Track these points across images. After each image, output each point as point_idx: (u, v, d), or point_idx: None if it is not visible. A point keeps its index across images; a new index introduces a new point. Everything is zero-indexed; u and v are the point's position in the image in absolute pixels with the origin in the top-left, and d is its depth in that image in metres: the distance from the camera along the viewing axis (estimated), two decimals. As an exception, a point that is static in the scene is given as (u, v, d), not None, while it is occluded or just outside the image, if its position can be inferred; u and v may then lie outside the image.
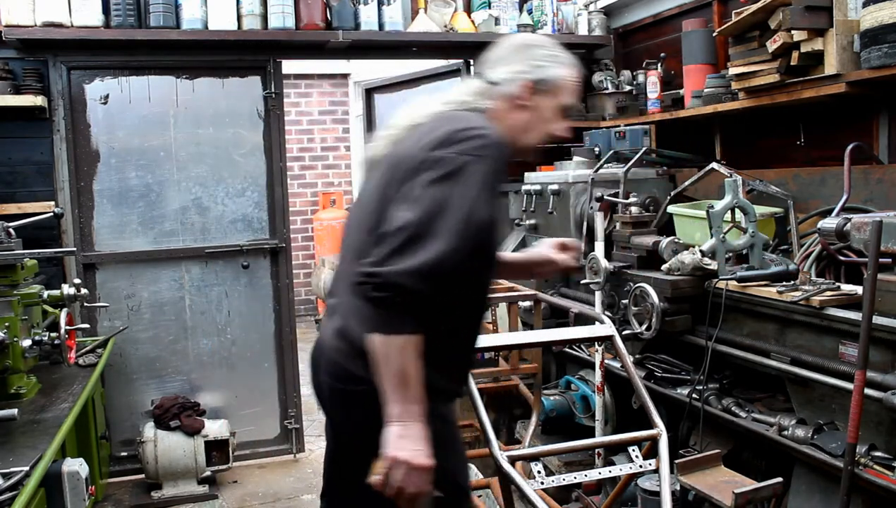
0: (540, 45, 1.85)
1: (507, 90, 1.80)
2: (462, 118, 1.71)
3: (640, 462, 2.06)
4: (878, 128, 3.03)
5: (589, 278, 3.22)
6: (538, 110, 1.82)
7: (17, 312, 2.71)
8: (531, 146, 1.88)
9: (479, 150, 1.60)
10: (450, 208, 1.54)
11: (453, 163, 1.58)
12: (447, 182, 1.56)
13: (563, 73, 1.83)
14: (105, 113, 4.06)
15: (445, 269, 1.51)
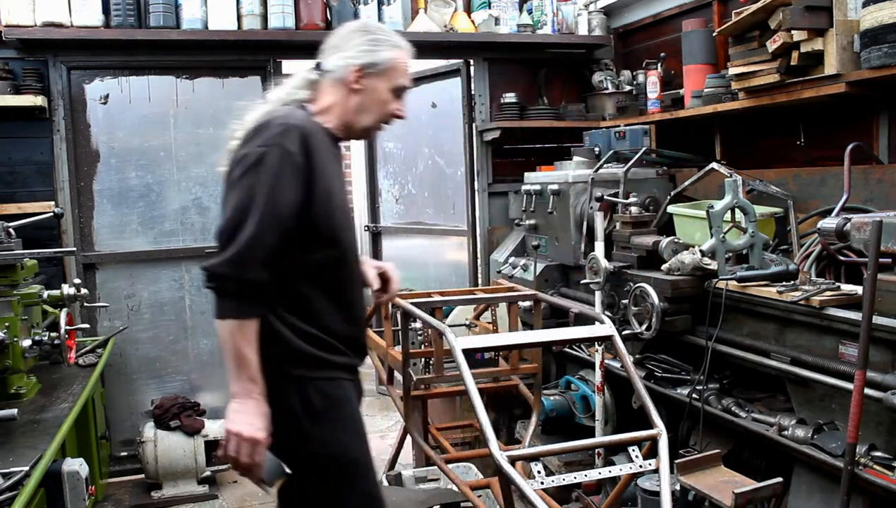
0: (368, 31, 1.95)
1: (339, 76, 1.90)
2: (268, 114, 1.84)
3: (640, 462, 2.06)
4: (878, 128, 3.03)
5: (589, 278, 3.22)
6: (370, 92, 1.91)
7: (17, 312, 2.71)
8: (371, 127, 1.98)
9: (275, 138, 1.74)
10: (254, 197, 1.69)
11: (253, 156, 1.73)
12: (249, 174, 1.72)
13: (392, 55, 1.92)
14: (105, 113, 4.06)
15: (256, 253, 1.67)
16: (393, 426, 4.96)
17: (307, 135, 1.80)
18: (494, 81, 4.63)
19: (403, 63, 1.96)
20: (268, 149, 1.74)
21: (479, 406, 2.01)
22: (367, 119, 1.95)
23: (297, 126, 1.79)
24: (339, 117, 1.95)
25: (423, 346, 3.34)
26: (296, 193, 1.76)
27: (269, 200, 1.70)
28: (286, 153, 1.74)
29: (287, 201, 1.74)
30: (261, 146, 1.75)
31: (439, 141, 5.00)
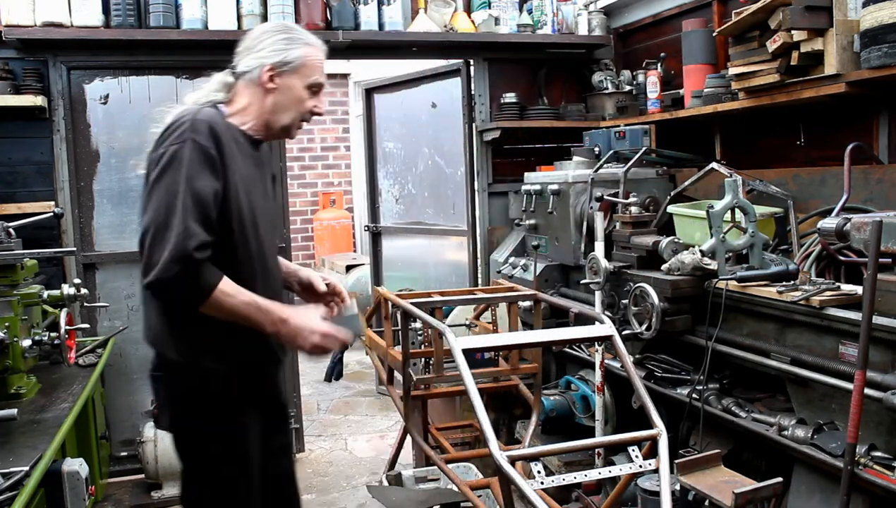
0: (279, 30, 2.01)
1: (253, 77, 1.97)
2: (177, 114, 1.91)
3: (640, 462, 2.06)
4: (878, 128, 3.03)
5: (589, 278, 3.22)
6: (285, 91, 1.97)
7: (17, 312, 2.71)
8: (290, 125, 2.03)
9: (185, 134, 1.81)
10: (176, 193, 1.77)
11: (164, 156, 1.82)
12: (167, 172, 1.80)
13: (304, 53, 1.97)
14: (105, 113, 4.06)
15: (188, 245, 1.73)
16: (393, 426, 4.97)
17: (216, 130, 1.87)
18: (494, 81, 4.63)
19: (316, 60, 2.00)
20: (180, 145, 1.81)
21: (479, 406, 2.01)
22: (285, 117, 2.01)
23: (205, 120, 1.86)
24: (256, 117, 2.01)
25: (423, 346, 3.34)
26: (213, 182, 1.83)
27: (189, 192, 1.77)
28: (198, 146, 1.82)
29: (206, 190, 1.81)
30: (173, 144, 1.82)
31: (439, 141, 5.00)
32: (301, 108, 2.01)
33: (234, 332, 1.90)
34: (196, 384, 1.96)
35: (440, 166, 5.04)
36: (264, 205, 2.06)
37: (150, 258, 1.76)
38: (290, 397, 4.45)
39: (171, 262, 1.73)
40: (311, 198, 9.07)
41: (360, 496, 3.88)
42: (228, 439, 1.98)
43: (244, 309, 1.84)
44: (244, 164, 1.96)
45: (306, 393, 5.61)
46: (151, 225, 1.77)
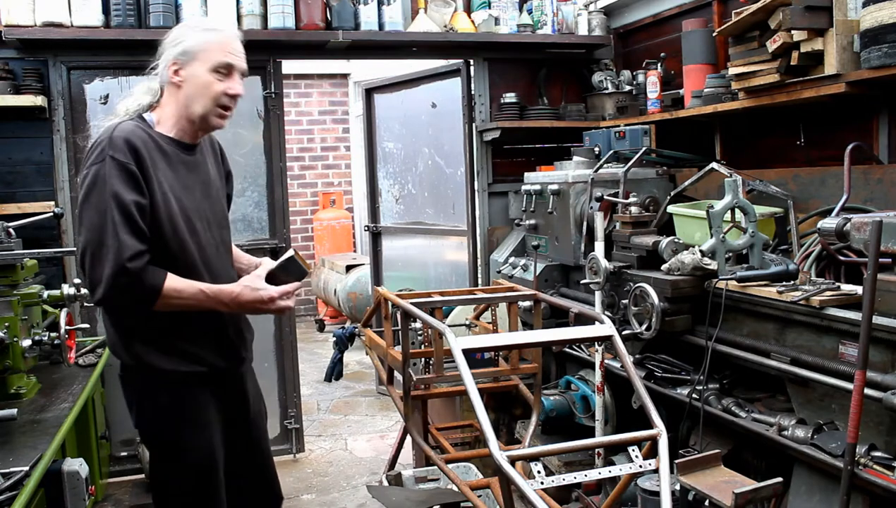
0: (181, 26, 2.11)
1: (164, 77, 2.06)
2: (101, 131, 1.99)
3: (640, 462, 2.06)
4: (878, 128, 3.03)
5: (589, 278, 3.22)
6: (190, 80, 2.02)
7: (17, 312, 2.71)
8: (207, 114, 2.04)
9: (103, 153, 1.89)
10: (104, 211, 1.85)
11: (90, 176, 1.89)
12: (92, 193, 1.88)
13: (201, 38, 2.02)
14: (105, 113, 4.05)
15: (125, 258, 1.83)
16: (393, 426, 4.97)
17: (133, 144, 1.93)
18: (494, 81, 4.63)
19: (216, 42, 2.02)
20: (101, 164, 1.89)
21: (479, 406, 2.01)
22: (199, 107, 2.03)
23: (122, 137, 1.92)
24: (176, 117, 2.07)
25: (423, 346, 3.33)
26: (136, 195, 1.91)
27: (117, 208, 1.85)
28: (117, 163, 1.88)
29: (132, 204, 1.88)
30: (94, 163, 1.90)
31: (439, 141, 5.00)
32: (211, 94, 2.02)
33: (181, 332, 2.03)
34: (149, 384, 2.05)
35: (440, 166, 5.04)
36: (202, 206, 2.12)
37: (92, 276, 1.86)
38: (291, 397, 4.46)
39: (112, 277, 1.83)
40: (311, 198, 9.07)
41: (360, 496, 3.88)
42: (187, 435, 2.07)
43: (194, 299, 1.95)
44: (171, 171, 2.03)
45: (306, 393, 5.61)
46: (88, 245, 1.87)
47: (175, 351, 2.04)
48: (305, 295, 8.90)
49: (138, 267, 1.86)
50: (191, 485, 2.08)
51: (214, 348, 2.11)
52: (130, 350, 2.03)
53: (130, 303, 1.92)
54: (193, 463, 2.08)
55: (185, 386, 2.06)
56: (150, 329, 2.01)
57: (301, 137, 8.96)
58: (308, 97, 8.92)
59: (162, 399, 2.04)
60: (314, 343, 7.73)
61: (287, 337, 4.42)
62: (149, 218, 1.93)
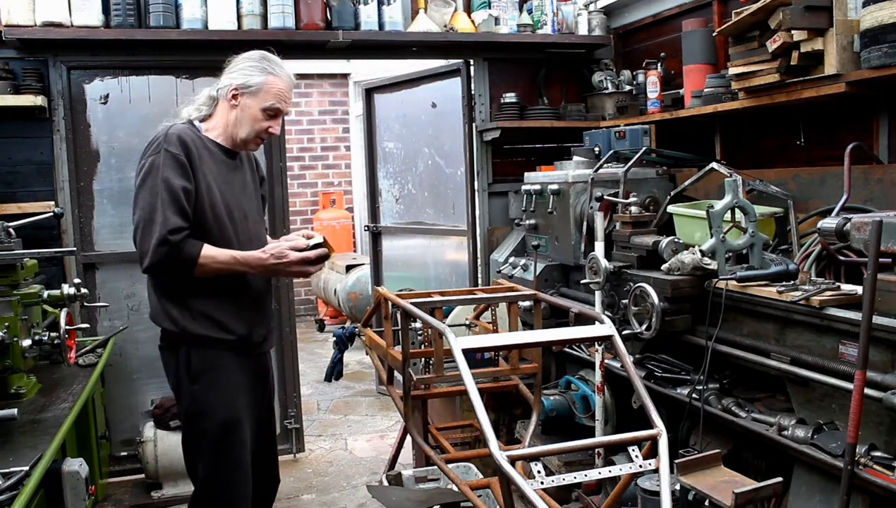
0: (253, 58, 2.40)
1: (223, 94, 2.39)
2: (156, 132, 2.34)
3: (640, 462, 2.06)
4: (878, 128, 3.03)
5: (589, 278, 3.22)
6: (244, 109, 2.37)
7: (17, 312, 2.71)
8: (247, 139, 2.42)
9: (159, 146, 2.26)
10: (157, 193, 2.20)
11: (146, 165, 2.26)
12: (147, 179, 2.25)
13: (265, 80, 2.36)
14: (105, 113, 4.06)
15: (168, 229, 2.17)
16: (393, 426, 4.97)
17: (185, 141, 2.29)
18: (494, 81, 4.63)
19: (276, 88, 2.37)
20: (156, 155, 2.25)
21: (479, 406, 2.01)
22: (243, 132, 2.40)
23: (175, 134, 2.29)
24: (223, 129, 2.42)
25: (423, 346, 3.33)
26: (185, 182, 2.25)
27: (166, 190, 2.20)
28: (170, 154, 2.24)
29: (179, 188, 2.22)
30: (151, 155, 2.26)
31: (439, 141, 5.00)
32: (256, 127, 2.39)
33: (213, 304, 2.35)
34: (184, 347, 2.35)
35: (440, 166, 5.04)
36: (240, 200, 2.46)
37: (141, 247, 2.21)
38: (291, 397, 4.46)
39: (157, 246, 2.17)
40: (311, 197, 9.07)
41: (360, 496, 3.88)
42: (215, 393, 2.35)
43: (226, 264, 2.29)
44: (215, 167, 2.37)
45: (306, 392, 5.61)
46: (140, 221, 2.21)
47: (207, 319, 2.34)
48: (305, 295, 8.90)
49: (178, 239, 2.19)
50: (216, 441, 2.35)
51: (240, 319, 2.42)
52: (170, 315, 2.34)
53: (172, 269, 2.23)
54: (221, 420, 2.35)
55: (214, 350, 2.36)
56: (187, 299, 2.33)
57: (301, 137, 8.96)
58: (308, 97, 8.92)
59: (195, 360, 2.34)
60: (314, 343, 7.73)
61: (287, 337, 4.42)
62: (193, 202, 2.27)
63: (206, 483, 2.42)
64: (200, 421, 2.36)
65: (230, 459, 2.38)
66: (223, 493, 2.41)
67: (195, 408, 2.36)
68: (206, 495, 2.45)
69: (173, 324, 2.34)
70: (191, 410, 2.38)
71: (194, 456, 2.42)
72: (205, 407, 2.35)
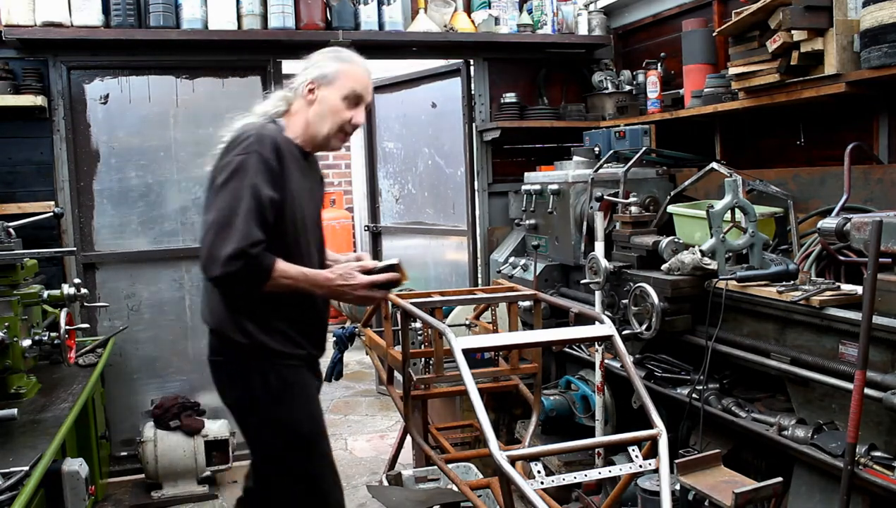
0: (325, 52, 2.28)
1: (299, 91, 2.23)
2: (244, 127, 2.16)
3: (640, 462, 2.06)
4: (878, 128, 3.03)
5: (589, 278, 3.22)
6: (323, 102, 2.21)
7: (17, 312, 2.71)
8: (330, 135, 2.24)
9: (252, 146, 2.06)
10: (241, 197, 2.00)
11: (235, 163, 2.05)
12: (234, 179, 2.03)
13: (340, 67, 2.21)
14: (105, 113, 4.06)
15: (247, 242, 1.97)
16: (393, 426, 4.97)
17: (278, 145, 2.12)
18: (494, 81, 4.63)
19: (353, 73, 2.22)
20: (247, 155, 2.05)
21: (479, 406, 2.01)
22: (324, 127, 2.22)
23: (270, 136, 2.11)
24: (303, 129, 2.25)
25: (423, 346, 3.34)
26: (273, 192, 2.07)
27: (252, 197, 2.01)
28: (262, 158, 2.05)
29: (266, 198, 2.04)
30: (240, 154, 2.05)
31: (439, 141, 5.00)
32: (338, 118, 2.21)
33: (285, 318, 2.19)
34: (259, 362, 2.18)
35: (440, 166, 5.04)
36: (310, 207, 2.30)
37: (211, 252, 1.98)
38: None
39: (232, 258, 1.96)
40: (311, 198, 9.06)
41: (360, 496, 3.88)
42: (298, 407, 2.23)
43: (296, 281, 2.10)
44: (298, 174, 2.20)
45: (306, 393, 5.60)
46: (216, 223, 2.00)
47: (282, 334, 2.20)
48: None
49: (257, 253, 2.00)
50: (307, 453, 2.23)
51: (309, 335, 2.30)
52: (244, 329, 2.16)
53: (243, 283, 2.03)
54: (308, 433, 2.24)
55: (292, 366, 2.23)
56: (265, 313, 2.16)
57: (301, 137, 8.94)
58: (308, 97, 8.91)
59: (274, 377, 2.18)
60: (314, 343, 7.71)
61: (287, 337, 4.41)
62: (276, 214, 2.09)
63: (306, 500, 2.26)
64: (288, 438, 2.22)
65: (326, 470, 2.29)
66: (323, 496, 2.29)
67: (282, 426, 2.21)
68: None
69: (247, 338, 2.16)
70: (274, 429, 2.22)
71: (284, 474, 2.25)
72: (293, 423, 2.22)
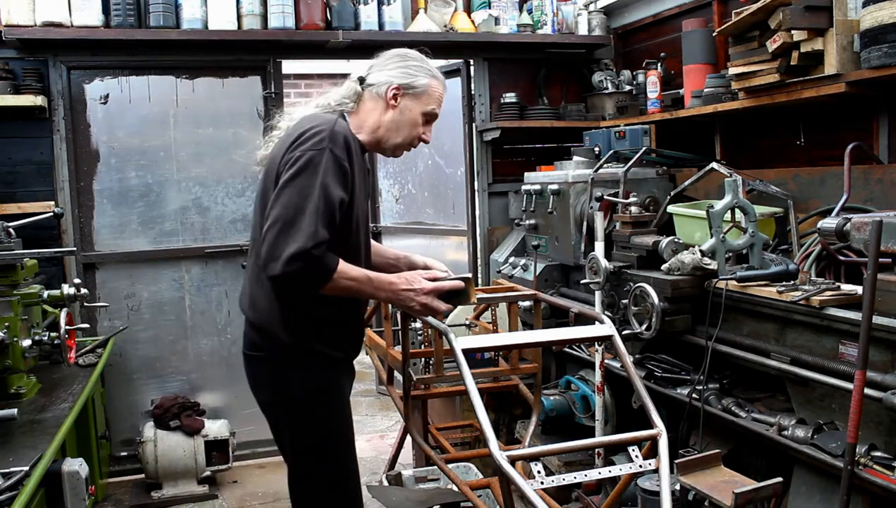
0: (413, 57, 2.19)
1: (379, 92, 2.14)
2: (312, 119, 2.06)
3: (640, 462, 2.06)
4: (878, 128, 3.03)
5: (589, 278, 3.22)
6: (404, 111, 2.14)
7: (17, 312, 2.71)
8: (400, 145, 2.19)
9: (324, 143, 1.97)
10: (309, 195, 1.92)
11: (305, 158, 1.95)
12: (303, 174, 1.94)
13: (429, 82, 2.16)
14: (105, 113, 4.06)
15: (314, 242, 1.89)
16: (393, 426, 4.97)
17: (350, 145, 2.04)
18: (494, 81, 4.63)
19: (439, 92, 2.19)
20: (318, 152, 1.96)
21: (479, 406, 2.01)
22: (398, 137, 2.17)
23: (343, 134, 2.02)
24: (372, 131, 2.17)
25: (423, 346, 3.33)
26: (343, 192, 1.99)
27: (322, 197, 1.93)
28: (335, 157, 1.97)
29: (336, 199, 1.97)
30: (311, 150, 1.96)
31: (439, 141, 5.00)
32: (413, 133, 2.18)
33: (332, 322, 2.15)
34: (304, 363, 2.14)
35: (440, 166, 5.04)
36: (364, 206, 2.22)
37: (274, 249, 1.90)
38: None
39: (294, 259, 1.88)
40: (311, 198, 9.07)
41: (360, 496, 3.88)
42: (336, 410, 2.22)
43: (358, 283, 2.03)
44: (360, 174, 2.13)
45: (306, 392, 5.60)
46: (279, 220, 1.91)
47: (331, 337, 2.16)
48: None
49: (319, 254, 1.92)
50: (340, 454, 2.23)
51: (352, 337, 2.29)
52: (291, 328, 2.10)
53: (304, 283, 1.96)
54: (341, 434, 2.24)
55: (335, 369, 2.21)
56: (319, 314, 2.11)
57: (301, 137, 8.95)
58: (308, 97, 8.90)
59: (313, 376, 2.15)
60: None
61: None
62: (342, 215, 2.03)
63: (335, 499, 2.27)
64: (323, 437, 2.21)
65: (354, 473, 2.29)
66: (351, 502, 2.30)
67: (318, 426, 2.19)
68: None
69: (293, 337, 2.11)
70: (313, 428, 2.19)
71: (315, 474, 2.23)
72: (329, 424, 2.20)
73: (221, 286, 4.31)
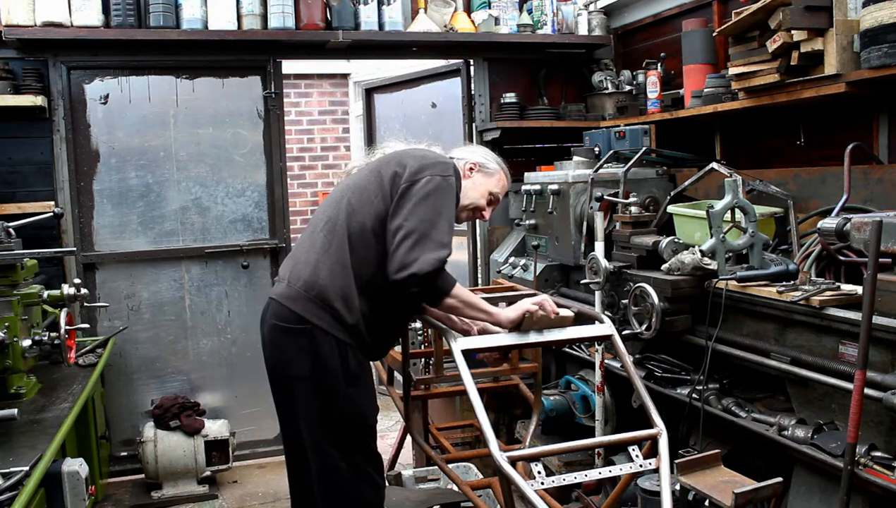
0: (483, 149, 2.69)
1: (460, 166, 2.52)
2: (432, 153, 2.45)
3: (640, 462, 2.06)
4: (878, 128, 3.03)
5: (589, 278, 3.22)
6: (476, 184, 2.54)
7: (17, 312, 2.71)
8: (464, 210, 2.52)
9: (446, 170, 2.33)
10: (441, 213, 2.24)
11: (434, 182, 2.28)
12: (433, 195, 2.26)
13: (498, 169, 2.59)
14: (105, 113, 4.06)
15: (444, 253, 2.18)
16: (393, 426, 4.96)
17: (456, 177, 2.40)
18: (494, 81, 4.63)
19: (504, 182, 2.60)
20: (447, 179, 2.31)
21: (479, 406, 2.01)
22: (466, 200, 2.50)
23: (453, 165, 2.42)
24: None
25: (423, 346, 3.34)
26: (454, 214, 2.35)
27: (447, 217, 2.26)
28: (452, 187, 2.33)
29: (452, 218, 2.31)
30: (442, 175, 2.30)
31: (439, 141, 4.96)
32: (478, 203, 2.54)
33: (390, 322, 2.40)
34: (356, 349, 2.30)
35: (440, 166, 5.03)
36: None
37: (406, 257, 2.16)
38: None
39: (425, 263, 2.14)
40: (312, 198, 9.06)
41: (360, 496, 3.87)
42: (370, 399, 2.38)
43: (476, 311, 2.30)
44: None
45: (306, 393, 5.59)
46: (415, 231, 2.19)
47: (378, 328, 2.35)
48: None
49: (443, 267, 2.19)
50: (368, 436, 2.38)
51: (389, 337, 2.53)
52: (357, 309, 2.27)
53: (426, 289, 2.20)
54: (371, 419, 2.40)
55: (367, 357, 2.39)
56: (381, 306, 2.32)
57: (301, 137, 8.93)
58: (308, 97, 8.90)
59: (354, 362, 2.30)
60: (314, 343, 7.71)
61: (287, 337, 4.41)
62: None
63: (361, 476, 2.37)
64: (357, 418, 2.34)
65: (377, 456, 2.42)
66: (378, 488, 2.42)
67: (353, 406, 2.32)
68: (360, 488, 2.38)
69: (354, 317, 2.26)
70: (348, 407, 2.31)
71: (345, 453, 2.34)
72: (363, 406, 2.35)
73: (221, 286, 4.31)
